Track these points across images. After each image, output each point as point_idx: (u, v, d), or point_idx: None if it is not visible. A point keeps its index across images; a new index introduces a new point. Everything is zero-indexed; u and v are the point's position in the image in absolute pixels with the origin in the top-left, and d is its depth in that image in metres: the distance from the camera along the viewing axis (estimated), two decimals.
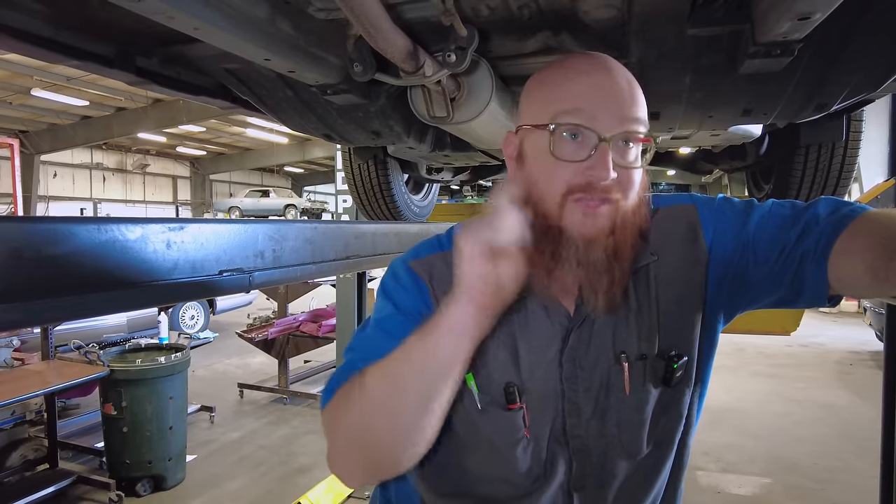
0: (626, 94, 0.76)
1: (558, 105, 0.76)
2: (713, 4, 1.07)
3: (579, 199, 0.74)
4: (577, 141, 0.74)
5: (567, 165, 0.74)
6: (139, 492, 3.86)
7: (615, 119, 0.74)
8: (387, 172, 2.80)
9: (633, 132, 0.75)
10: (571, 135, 0.75)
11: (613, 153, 0.73)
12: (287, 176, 31.73)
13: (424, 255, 0.88)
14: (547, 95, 0.79)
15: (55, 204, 19.91)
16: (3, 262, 0.69)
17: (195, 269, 1.02)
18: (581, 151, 0.74)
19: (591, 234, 0.74)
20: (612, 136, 0.73)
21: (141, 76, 1.44)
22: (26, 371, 4.09)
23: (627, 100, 0.76)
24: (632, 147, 0.76)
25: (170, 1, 0.83)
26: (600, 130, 0.73)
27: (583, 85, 0.76)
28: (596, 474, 0.81)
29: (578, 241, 0.74)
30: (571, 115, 0.75)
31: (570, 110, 0.75)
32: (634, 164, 0.76)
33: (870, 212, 0.75)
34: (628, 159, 0.75)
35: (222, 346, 8.36)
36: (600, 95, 0.75)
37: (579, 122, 0.74)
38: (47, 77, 12.62)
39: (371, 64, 1.21)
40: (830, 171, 2.26)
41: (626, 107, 0.75)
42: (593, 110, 0.74)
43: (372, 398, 0.73)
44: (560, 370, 0.80)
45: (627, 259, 0.77)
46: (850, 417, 5.54)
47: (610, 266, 0.75)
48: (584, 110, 0.74)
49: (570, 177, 0.74)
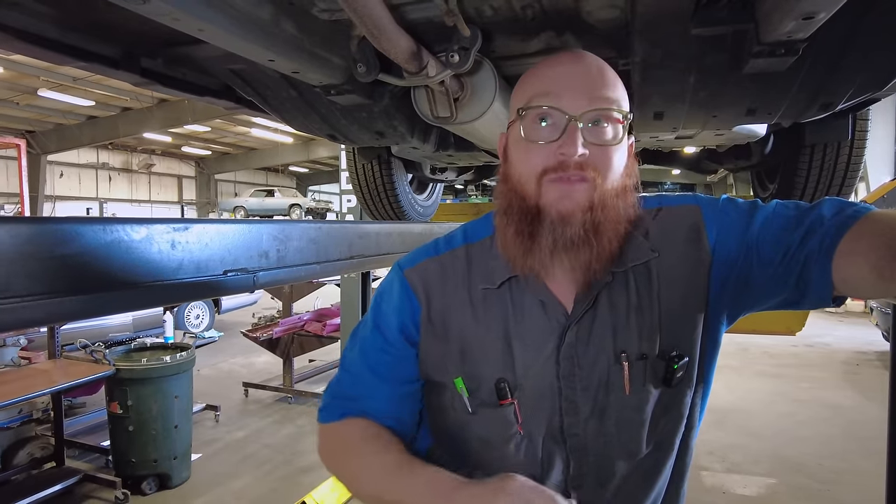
0: (594, 76, 0.79)
1: (529, 93, 0.80)
2: (717, 4, 1.07)
3: (554, 178, 0.76)
4: (548, 124, 0.78)
5: (540, 147, 0.78)
6: (145, 490, 3.88)
7: (583, 98, 0.77)
8: (391, 172, 2.81)
9: (603, 109, 0.77)
10: (541, 119, 0.78)
11: (586, 133, 0.76)
12: (292, 175, 31.80)
13: (420, 260, 0.91)
14: (522, 89, 0.84)
15: (61, 204, 20.00)
16: (12, 262, 0.70)
17: (200, 269, 1.03)
18: (553, 133, 0.77)
19: (567, 210, 0.76)
20: (580, 114, 0.76)
21: (146, 77, 1.45)
22: (33, 370, 4.11)
23: (596, 80, 0.79)
24: (606, 126, 0.78)
25: (175, 3, 0.83)
26: (568, 110, 0.76)
27: (550, 71, 0.81)
28: (594, 473, 0.82)
29: (555, 217, 0.76)
30: (540, 98, 0.78)
31: (538, 94, 0.79)
32: (611, 142, 0.78)
33: (874, 212, 0.75)
34: (604, 138, 0.78)
35: (227, 345, 8.40)
36: (566, 78, 0.79)
37: (546, 104, 0.77)
38: (54, 77, 12.68)
39: (374, 65, 1.21)
40: (836, 171, 2.25)
41: (594, 87, 0.78)
42: (560, 92, 0.77)
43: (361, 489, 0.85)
44: (557, 368, 0.81)
45: (610, 238, 0.78)
46: (856, 418, 5.51)
47: (588, 241, 0.76)
48: (551, 93, 0.78)
49: (544, 158, 0.77)
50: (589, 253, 0.77)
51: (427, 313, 0.87)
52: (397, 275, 0.91)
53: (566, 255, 0.77)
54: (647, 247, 0.83)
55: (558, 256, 0.78)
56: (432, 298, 0.87)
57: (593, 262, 0.78)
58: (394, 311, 0.89)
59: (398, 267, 0.92)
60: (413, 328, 0.87)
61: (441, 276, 0.87)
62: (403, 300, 0.88)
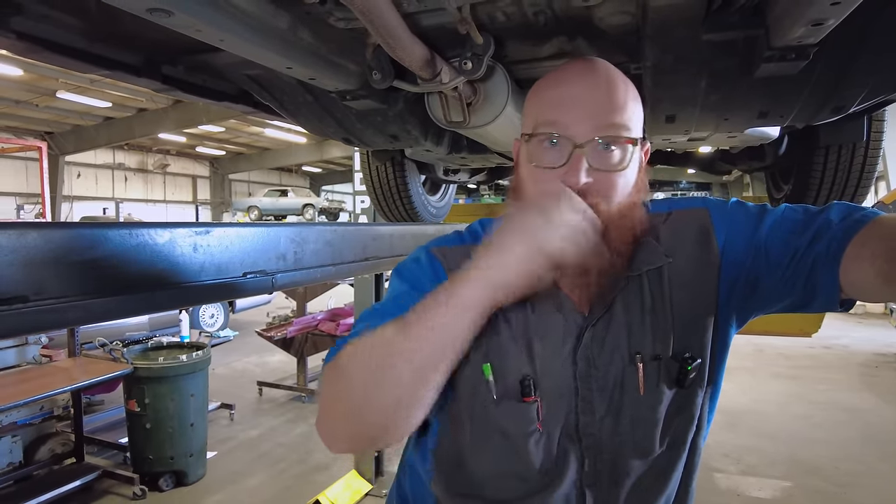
0: (601, 101, 0.79)
1: (538, 116, 0.82)
2: (728, 10, 1.08)
3: None
4: (555, 148, 0.79)
5: (545, 172, 0.79)
6: (162, 486, 3.95)
7: (588, 126, 0.78)
8: (404, 174, 2.83)
9: (610, 136, 0.78)
10: (550, 142, 0.79)
11: (592, 158, 0.77)
12: (305, 175, 31.99)
13: (445, 245, 0.92)
14: (532, 106, 0.85)
15: (79, 204, 20.30)
16: (47, 266, 0.74)
17: (220, 271, 1.06)
18: (559, 158, 0.79)
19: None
20: (585, 142, 0.77)
21: (167, 84, 1.48)
22: (54, 368, 4.19)
23: (603, 106, 0.79)
24: (614, 150, 0.79)
25: (198, 16, 0.86)
26: (574, 137, 0.78)
27: (558, 95, 0.81)
28: (608, 472, 0.83)
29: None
30: (547, 125, 0.80)
31: (547, 121, 0.80)
32: (617, 167, 0.79)
33: (882, 217, 0.75)
34: (610, 162, 0.79)
35: (242, 344, 8.49)
36: (574, 104, 0.79)
37: (554, 132, 0.79)
38: (72, 80, 12.89)
39: (389, 72, 1.23)
40: (851, 172, 2.23)
41: (600, 114, 0.79)
42: (566, 120, 0.79)
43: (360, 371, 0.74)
44: (574, 368, 0.82)
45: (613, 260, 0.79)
46: (873, 420, 5.44)
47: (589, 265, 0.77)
48: (558, 121, 0.79)
49: (549, 184, 0.78)
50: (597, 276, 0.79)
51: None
52: (424, 251, 0.91)
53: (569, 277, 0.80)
54: (661, 252, 0.85)
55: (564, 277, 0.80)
56: None
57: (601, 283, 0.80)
58: (426, 278, 0.87)
59: (425, 247, 0.92)
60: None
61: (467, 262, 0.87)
62: (434, 272, 0.88)
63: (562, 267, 0.72)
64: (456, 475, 0.88)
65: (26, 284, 0.71)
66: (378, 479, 4.28)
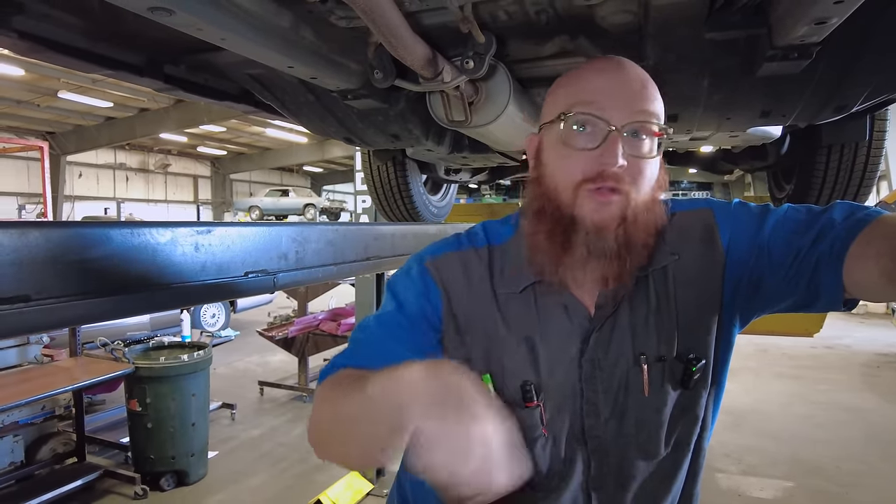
0: (636, 88, 0.79)
1: (571, 99, 0.80)
2: (730, 9, 1.08)
3: (591, 188, 0.77)
4: (588, 132, 0.78)
5: (579, 154, 0.78)
6: (163, 486, 3.95)
7: (625, 110, 0.77)
8: (405, 173, 2.83)
9: (643, 123, 0.78)
10: (582, 126, 0.79)
11: (625, 144, 0.77)
12: (306, 175, 32.01)
13: (442, 253, 0.90)
14: (562, 92, 0.84)
15: (80, 204, 20.32)
16: (47, 265, 0.73)
17: (222, 271, 1.06)
18: (592, 141, 0.78)
19: (602, 222, 0.77)
20: (621, 125, 0.77)
21: (169, 83, 1.48)
22: (55, 367, 4.20)
23: (638, 93, 0.79)
24: (644, 139, 0.79)
25: (199, 14, 0.86)
26: (610, 119, 0.77)
27: (595, 80, 0.80)
28: (614, 474, 0.82)
29: (589, 229, 0.77)
30: (583, 105, 0.79)
31: (581, 101, 0.79)
32: (647, 155, 0.79)
33: (885, 216, 0.75)
34: (641, 151, 0.78)
35: (243, 344, 8.50)
36: (610, 88, 0.79)
37: (589, 112, 0.78)
38: (73, 79, 12.91)
39: (391, 71, 1.23)
40: (854, 171, 2.23)
41: (636, 99, 0.78)
42: (603, 102, 0.78)
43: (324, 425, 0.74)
44: (580, 370, 0.82)
45: (639, 251, 0.79)
46: (876, 420, 5.43)
47: (620, 254, 0.77)
48: (594, 102, 0.78)
49: (583, 166, 0.77)
50: (620, 265, 0.78)
51: (448, 306, 0.86)
52: (417, 263, 0.89)
53: (598, 265, 0.79)
54: (667, 251, 0.85)
55: (590, 266, 0.79)
56: (452, 293, 0.86)
57: (624, 273, 0.79)
58: (415, 296, 0.86)
59: (419, 257, 0.91)
60: (435, 317, 0.86)
61: (463, 271, 0.87)
62: (424, 288, 0.87)
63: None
64: None
65: (28, 284, 0.71)
66: (379, 479, 4.28)
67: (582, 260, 0.78)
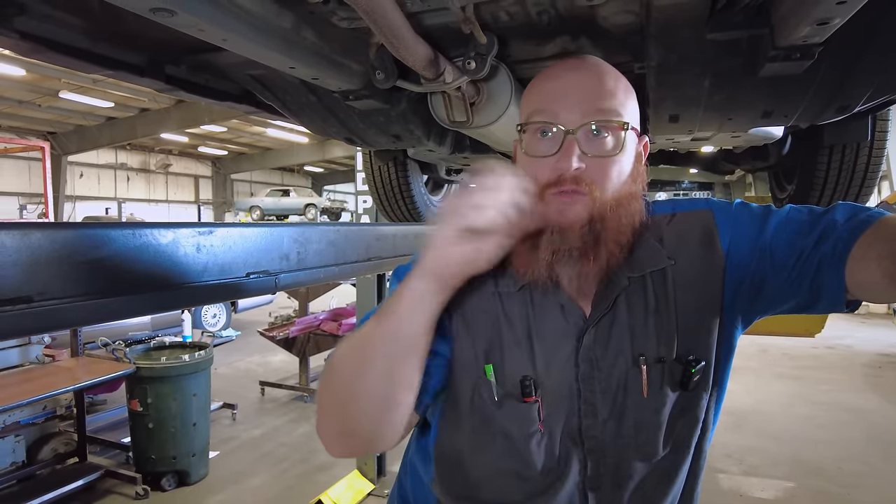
0: (591, 87, 0.81)
1: (528, 108, 0.84)
2: (732, 9, 1.07)
3: (554, 193, 0.78)
4: (547, 138, 0.80)
5: (541, 161, 0.80)
6: (164, 486, 3.95)
7: (578, 112, 0.79)
8: (406, 174, 2.83)
9: (600, 121, 0.79)
10: (542, 132, 0.81)
11: (585, 145, 0.78)
12: (307, 175, 32.03)
13: None
14: (525, 100, 0.87)
15: (81, 204, 20.34)
16: (50, 266, 0.73)
17: (224, 272, 1.06)
18: (552, 146, 0.80)
19: (566, 223, 0.78)
20: (576, 128, 0.78)
21: (170, 83, 1.48)
22: (57, 367, 4.20)
23: (593, 91, 0.80)
24: (606, 136, 0.80)
25: (201, 15, 0.86)
26: (564, 124, 0.79)
27: (547, 86, 0.83)
28: (611, 475, 0.82)
29: (555, 229, 0.78)
30: (537, 114, 0.81)
31: (536, 110, 0.82)
32: (610, 153, 0.80)
33: (887, 217, 0.75)
34: (604, 149, 0.80)
35: (244, 344, 8.50)
36: (563, 93, 0.81)
37: (544, 120, 0.80)
38: (74, 80, 12.92)
39: (393, 71, 1.23)
40: (855, 172, 2.23)
41: (590, 98, 0.80)
42: (555, 109, 0.80)
43: (343, 365, 0.78)
44: (576, 370, 0.82)
45: (612, 248, 0.79)
46: (878, 421, 5.42)
47: (586, 254, 0.78)
48: (547, 110, 0.81)
49: (544, 172, 0.79)
50: (588, 264, 0.79)
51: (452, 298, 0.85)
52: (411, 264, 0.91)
53: (565, 267, 0.80)
54: (664, 254, 0.85)
55: (559, 268, 0.80)
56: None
57: (591, 273, 0.80)
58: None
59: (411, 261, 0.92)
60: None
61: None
62: None
63: (503, 240, 0.73)
64: (456, 476, 0.88)
65: (30, 285, 0.71)
66: (380, 479, 4.28)
67: (547, 262, 0.79)
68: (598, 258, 0.78)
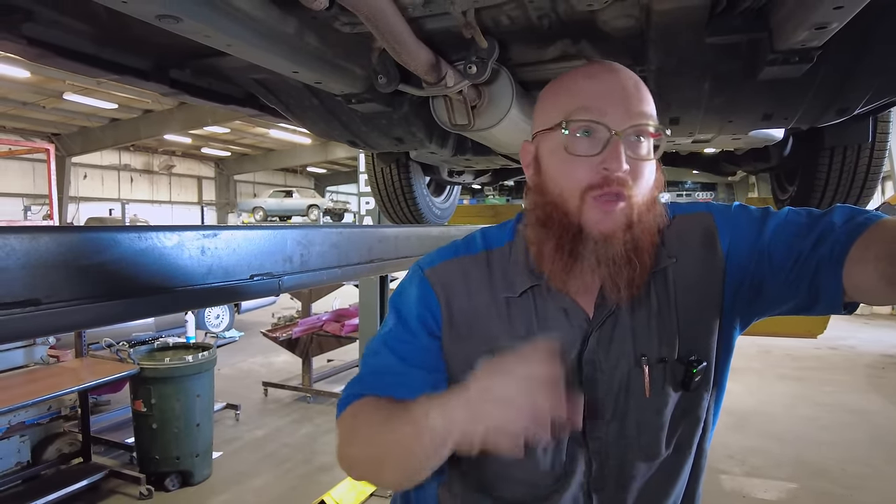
0: (632, 91, 0.80)
1: (569, 106, 0.80)
2: (731, 13, 1.08)
3: (596, 195, 0.77)
4: (589, 137, 0.79)
5: (582, 161, 0.78)
6: (168, 486, 3.96)
7: (624, 114, 0.78)
8: (409, 175, 2.84)
9: (643, 125, 0.79)
10: (584, 132, 0.79)
11: (625, 147, 0.77)
12: (310, 176, 32.06)
13: (439, 261, 0.92)
14: (558, 100, 0.83)
15: (85, 205, 20.39)
16: (58, 269, 0.75)
17: (228, 274, 1.07)
18: (594, 147, 0.78)
19: (609, 231, 0.77)
20: (622, 129, 0.77)
21: (175, 87, 1.50)
22: (61, 368, 4.22)
23: (634, 96, 0.80)
24: (643, 141, 0.80)
25: (206, 21, 0.87)
26: (611, 125, 0.77)
27: (590, 86, 0.81)
28: (615, 476, 0.83)
29: (598, 238, 0.78)
30: (582, 112, 0.79)
31: (580, 108, 0.79)
32: (646, 157, 0.80)
33: (885, 220, 0.76)
34: (641, 153, 0.79)
35: (247, 344, 8.51)
36: (608, 93, 0.79)
37: (591, 118, 0.78)
38: (78, 81, 12.97)
39: (395, 75, 1.24)
40: (856, 173, 2.23)
41: (633, 102, 0.79)
42: (602, 107, 0.78)
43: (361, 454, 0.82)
44: (580, 373, 0.82)
45: (646, 254, 0.80)
46: (881, 422, 5.40)
47: (630, 261, 0.78)
48: (593, 108, 0.78)
49: (587, 173, 0.78)
50: (631, 270, 0.78)
51: (448, 314, 0.87)
52: (416, 274, 0.91)
53: (608, 273, 0.79)
54: (665, 254, 0.85)
55: (600, 274, 0.80)
56: (452, 299, 0.87)
57: (636, 278, 0.79)
58: (414, 304, 0.89)
59: (417, 267, 0.92)
60: (434, 324, 0.87)
61: (462, 277, 0.88)
62: (423, 297, 0.89)
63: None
64: (463, 482, 0.89)
65: (39, 287, 0.72)
66: None
67: (592, 269, 0.78)
68: (639, 262, 0.79)
